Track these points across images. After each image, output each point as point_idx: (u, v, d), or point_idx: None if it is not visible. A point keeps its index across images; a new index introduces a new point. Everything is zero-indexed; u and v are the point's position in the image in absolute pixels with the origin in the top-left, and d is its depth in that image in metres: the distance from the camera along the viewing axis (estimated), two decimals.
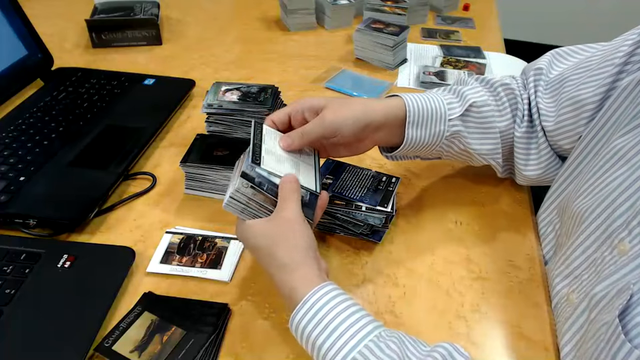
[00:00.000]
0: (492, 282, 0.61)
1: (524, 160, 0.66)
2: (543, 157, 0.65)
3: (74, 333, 0.51)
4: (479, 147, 0.65)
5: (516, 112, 0.66)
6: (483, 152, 0.66)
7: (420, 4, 1.26)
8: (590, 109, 0.58)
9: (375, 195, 0.64)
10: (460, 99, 0.65)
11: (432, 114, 0.62)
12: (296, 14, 1.21)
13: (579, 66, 0.62)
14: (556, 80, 0.64)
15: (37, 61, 0.96)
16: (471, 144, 0.65)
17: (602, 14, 2.53)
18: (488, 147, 0.66)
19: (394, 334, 0.45)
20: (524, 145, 0.66)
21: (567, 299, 0.52)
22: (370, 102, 0.62)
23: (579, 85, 0.60)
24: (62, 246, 0.62)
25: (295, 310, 0.47)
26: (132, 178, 0.75)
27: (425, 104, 0.62)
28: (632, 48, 0.55)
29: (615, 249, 0.46)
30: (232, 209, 0.53)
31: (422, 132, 0.62)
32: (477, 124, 0.64)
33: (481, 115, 0.64)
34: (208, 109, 0.74)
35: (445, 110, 0.63)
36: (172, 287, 0.59)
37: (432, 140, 0.63)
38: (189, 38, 1.19)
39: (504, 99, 0.66)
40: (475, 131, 0.65)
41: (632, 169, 0.48)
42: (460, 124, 0.64)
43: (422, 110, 0.62)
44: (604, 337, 0.41)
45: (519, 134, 0.65)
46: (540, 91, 0.65)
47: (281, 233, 0.50)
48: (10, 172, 0.70)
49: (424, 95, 0.64)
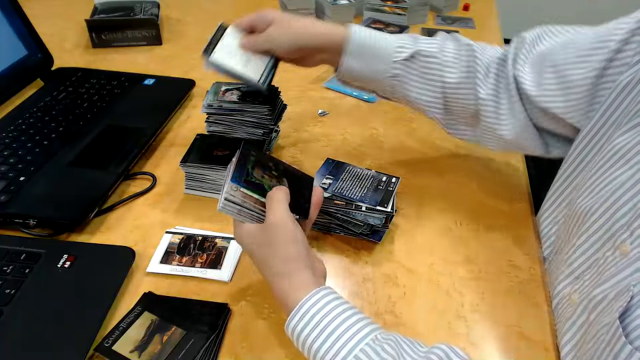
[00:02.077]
0: (492, 282, 0.61)
1: (495, 119, 0.64)
2: (519, 122, 0.63)
3: (74, 333, 0.51)
4: (416, 95, 0.67)
5: (475, 74, 0.64)
6: (421, 102, 0.67)
7: (420, 4, 1.26)
8: (579, 92, 0.57)
9: (375, 195, 0.64)
10: (413, 45, 0.66)
11: (375, 51, 0.65)
12: (296, 14, 1.21)
13: (567, 44, 0.60)
14: (542, 52, 0.62)
15: (37, 61, 0.96)
16: (410, 90, 0.67)
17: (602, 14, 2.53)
18: (426, 98, 0.67)
19: (390, 336, 0.45)
20: (491, 107, 0.64)
21: (569, 299, 0.52)
22: (313, 25, 0.67)
23: (566, 63, 0.58)
24: (62, 246, 0.62)
25: (291, 315, 0.47)
26: (132, 178, 0.75)
27: (371, 40, 0.66)
28: (626, 35, 0.53)
29: (617, 250, 0.46)
30: (228, 211, 0.52)
31: (361, 64, 0.66)
32: (419, 73, 0.66)
33: (424, 65, 0.65)
34: (208, 109, 0.74)
35: (391, 51, 0.65)
36: (172, 287, 0.59)
37: (373, 75, 0.67)
38: (189, 38, 1.19)
39: (462, 58, 0.65)
40: (415, 79, 0.66)
41: (633, 168, 0.48)
42: (401, 68, 0.66)
43: (366, 44, 0.65)
44: (604, 339, 0.41)
45: (484, 95, 0.63)
46: (521, 58, 0.63)
47: (273, 240, 0.50)
48: (10, 172, 0.70)
49: (378, 33, 0.67)
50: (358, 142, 0.84)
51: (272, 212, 0.51)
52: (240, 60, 0.66)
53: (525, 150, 0.67)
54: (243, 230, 0.52)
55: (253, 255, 0.52)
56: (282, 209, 0.51)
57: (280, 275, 0.49)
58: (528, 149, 0.66)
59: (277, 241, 0.50)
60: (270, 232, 0.50)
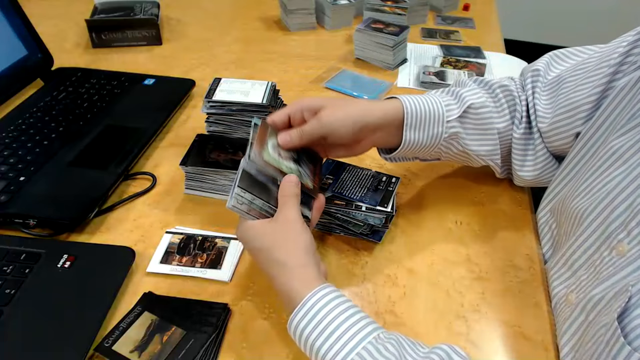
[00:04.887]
0: (492, 282, 0.61)
1: (521, 161, 0.66)
2: (539, 159, 0.65)
3: (74, 333, 0.51)
4: (477, 148, 0.65)
5: (514, 114, 0.66)
6: (482, 153, 0.66)
7: (420, 4, 1.26)
8: (586, 110, 0.58)
9: (375, 195, 0.64)
10: (458, 100, 0.65)
11: (430, 116, 0.63)
12: (296, 14, 1.21)
13: (576, 68, 0.62)
14: (554, 82, 0.64)
15: (37, 61, 0.96)
16: (469, 145, 0.65)
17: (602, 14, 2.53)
18: (486, 149, 0.66)
19: (392, 335, 0.45)
20: (521, 146, 0.66)
21: (566, 299, 0.52)
22: (368, 104, 0.63)
23: (575, 87, 0.60)
24: (62, 246, 0.62)
25: (294, 312, 0.47)
26: (132, 178, 0.75)
27: (423, 106, 0.62)
28: (627, 48, 0.55)
29: (614, 250, 0.46)
30: (237, 210, 0.52)
31: (420, 134, 0.63)
32: (475, 125, 0.65)
33: (479, 117, 0.64)
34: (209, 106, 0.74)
35: (443, 112, 0.63)
36: (172, 287, 0.59)
37: (430, 142, 0.63)
38: (189, 38, 1.19)
39: (502, 100, 0.66)
40: (473, 132, 0.65)
41: (629, 169, 0.48)
42: (458, 126, 0.64)
43: (420, 112, 0.62)
44: (603, 339, 0.41)
45: (518, 135, 0.65)
46: (537, 92, 0.65)
47: (282, 234, 0.51)
48: (10, 172, 0.70)
49: (421, 97, 0.64)
50: None
51: (284, 208, 0.52)
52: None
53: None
54: (248, 223, 0.52)
55: (259, 249, 0.51)
56: (292, 205, 0.52)
57: (285, 268, 0.49)
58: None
59: (286, 235, 0.50)
60: (280, 226, 0.51)
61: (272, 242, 0.50)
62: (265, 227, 0.52)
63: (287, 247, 0.50)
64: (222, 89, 0.74)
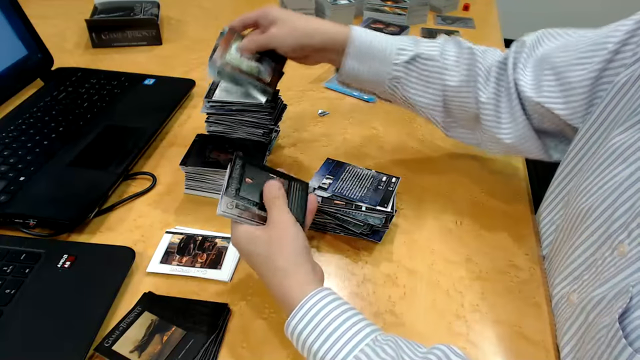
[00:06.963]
0: (492, 282, 0.61)
1: (495, 123, 0.65)
2: (519, 125, 0.63)
3: (74, 333, 0.51)
4: (417, 98, 0.67)
5: (476, 78, 0.64)
6: (421, 104, 0.68)
7: (420, 4, 1.26)
8: (579, 94, 0.57)
9: (375, 195, 0.64)
10: (414, 48, 0.66)
11: (376, 52, 0.66)
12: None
13: (567, 46, 0.61)
14: (542, 55, 0.62)
15: (37, 61, 0.96)
16: (409, 92, 0.67)
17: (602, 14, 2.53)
18: (425, 101, 0.67)
19: (389, 337, 0.45)
20: (492, 108, 0.64)
21: (568, 299, 0.52)
22: (319, 25, 0.67)
23: (566, 65, 0.59)
24: (62, 246, 0.62)
25: (291, 315, 0.47)
26: (132, 178, 0.75)
27: (372, 42, 0.66)
28: (625, 36, 0.54)
29: (616, 250, 0.46)
30: (228, 215, 0.52)
31: (361, 66, 0.67)
32: (419, 75, 0.66)
33: (424, 68, 0.66)
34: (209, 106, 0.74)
35: (392, 54, 0.66)
36: (172, 287, 0.59)
37: (373, 77, 0.67)
38: (189, 38, 1.19)
39: (463, 61, 0.65)
40: (416, 82, 0.67)
41: (632, 166, 0.48)
42: (402, 70, 0.66)
43: (367, 46, 0.66)
44: (604, 340, 0.41)
45: (484, 99, 0.64)
46: (521, 62, 0.63)
47: (276, 238, 0.50)
48: (10, 172, 0.70)
49: (379, 34, 0.68)
50: (358, 142, 0.84)
51: (274, 211, 0.52)
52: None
53: (526, 155, 0.67)
54: (241, 231, 0.52)
55: (255, 254, 0.51)
56: (280, 206, 0.52)
57: (281, 272, 0.49)
58: (528, 154, 0.66)
59: (280, 239, 0.50)
60: (273, 230, 0.51)
61: (267, 246, 0.50)
62: (259, 231, 0.51)
63: (282, 251, 0.49)
64: (222, 88, 0.74)
